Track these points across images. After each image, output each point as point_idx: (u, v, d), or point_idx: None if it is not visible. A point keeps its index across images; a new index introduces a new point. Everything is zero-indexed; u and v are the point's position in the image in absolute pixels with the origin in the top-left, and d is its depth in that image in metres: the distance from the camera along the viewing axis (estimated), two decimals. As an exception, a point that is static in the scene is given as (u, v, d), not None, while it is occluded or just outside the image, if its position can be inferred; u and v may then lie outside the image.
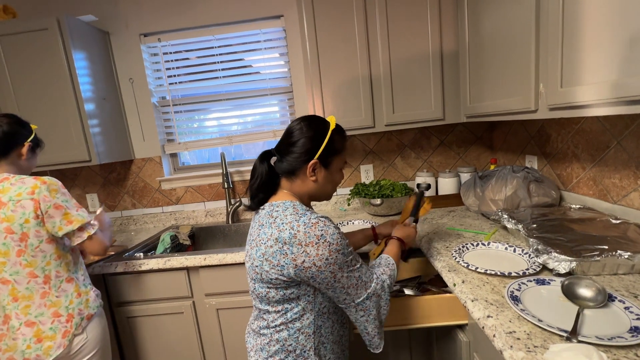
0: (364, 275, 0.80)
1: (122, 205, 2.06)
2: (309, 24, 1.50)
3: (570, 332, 0.65)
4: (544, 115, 0.98)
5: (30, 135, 1.15)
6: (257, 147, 2.17)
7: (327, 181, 0.88)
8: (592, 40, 0.77)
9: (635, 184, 1.02)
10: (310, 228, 0.75)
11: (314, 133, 0.84)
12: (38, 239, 1.04)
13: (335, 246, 0.75)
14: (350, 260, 0.78)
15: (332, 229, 0.77)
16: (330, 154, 0.85)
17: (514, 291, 0.83)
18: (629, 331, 0.64)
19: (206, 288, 1.43)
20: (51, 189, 1.05)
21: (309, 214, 0.78)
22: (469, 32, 1.39)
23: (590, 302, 0.74)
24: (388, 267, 0.89)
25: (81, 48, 1.66)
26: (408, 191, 1.69)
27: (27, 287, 1.04)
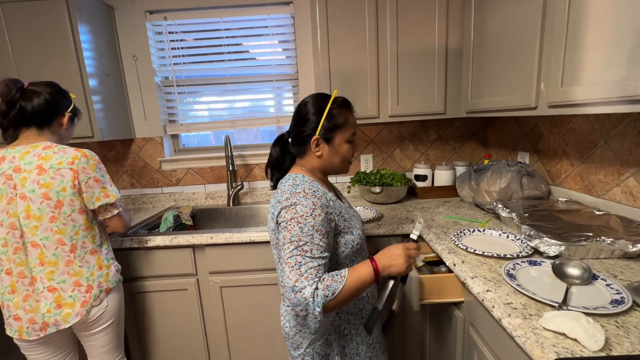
0: (305, 266, 0.73)
1: (120, 184, 2.05)
2: (320, 13, 1.53)
3: (561, 302, 0.74)
4: (543, 112, 1.06)
5: (70, 105, 1.18)
6: (251, 134, 2.18)
7: (332, 155, 0.91)
8: (594, 42, 0.85)
9: (619, 180, 1.12)
10: (292, 195, 0.80)
11: (315, 109, 0.89)
12: (71, 208, 1.07)
13: (298, 217, 0.77)
14: (304, 242, 0.75)
15: (308, 201, 0.78)
16: (331, 128, 0.89)
17: (509, 270, 0.91)
18: (610, 303, 0.74)
19: (211, 266, 1.46)
20: (91, 163, 1.09)
21: (302, 185, 0.83)
22: (474, 30, 1.46)
23: (577, 280, 0.83)
24: (332, 277, 0.74)
25: (86, 21, 1.63)
26: (407, 181, 1.77)
27: (54, 253, 1.06)
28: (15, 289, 1.07)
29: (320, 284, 0.73)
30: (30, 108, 1.07)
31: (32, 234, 1.05)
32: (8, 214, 1.04)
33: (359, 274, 0.77)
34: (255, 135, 2.20)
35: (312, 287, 0.72)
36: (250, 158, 2.01)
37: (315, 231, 0.77)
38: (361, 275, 0.78)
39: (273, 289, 1.48)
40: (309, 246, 0.76)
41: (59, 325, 1.07)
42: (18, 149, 1.06)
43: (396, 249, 0.83)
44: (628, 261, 0.95)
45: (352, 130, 0.92)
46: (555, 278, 0.87)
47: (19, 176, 1.03)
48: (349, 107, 0.93)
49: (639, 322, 0.68)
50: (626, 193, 1.10)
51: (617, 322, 0.69)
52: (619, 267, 0.92)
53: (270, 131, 2.17)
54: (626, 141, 1.09)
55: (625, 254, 0.95)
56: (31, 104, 1.07)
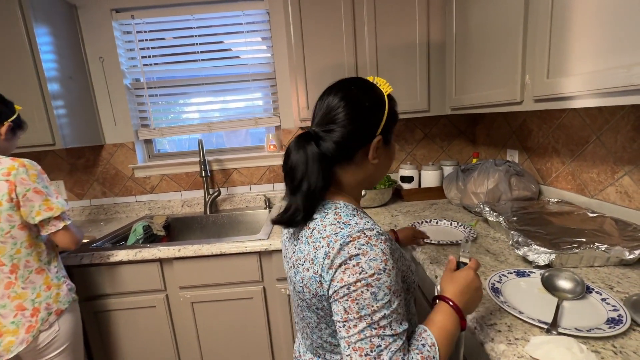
0: (386, 351, 0.50)
1: (91, 193, 1.94)
2: (293, 7, 1.43)
3: (551, 324, 0.64)
4: (529, 107, 0.97)
5: (13, 115, 1.09)
6: (240, 136, 2.09)
7: (387, 160, 0.68)
8: (580, 30, 0.76)
9: (612, 179, 1.04)
10: (347, 245, 0.53)
11: (373, 101, 0.62)
12: (9, 224, 0.97)
13: (367, 278, 0.51)
14: (378, 317, 0.51)
15: (376, 250, 0.52)
16: (391, 125, 0.65)
17: (494, 283, 0.82)
18: (606, 322, 0.65)
19: (180, 281, 1.36)
20: (30, 173, 0.99)
21: (353, 222, 0.56)
22: (456, 22, 1.37)
23: (569, 294, 0.75)
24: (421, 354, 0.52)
25: (44, 21, 1.52)
26: (391, 183, 1.68)
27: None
28: None
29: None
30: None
31: None
32: None
33: (442, 329, 0.55)
34: (245, 138, 2.10)
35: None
36: (228, 162, 1.91)
37: (393, 294, 0.52)
38: (445, 328, 0.56)
39: (249, 304, 1.38)
40: (387, 319, 0.51)
41: (1, 356, 0.97)
42: None
43: (474, 279, 0.61)
44: (625, 269, 0.86)
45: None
46: (546, 292, 0.78)
47: None
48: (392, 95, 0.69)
49: (639, 347, 0.59)
50: (621, 193, 1.01)
51: (615, 346, 0.59)
52: (615, 276, 0.83)
53: (254, 134, 2.07)
54: (619, 137, 1.00)
55: (622, 261, 0.86)
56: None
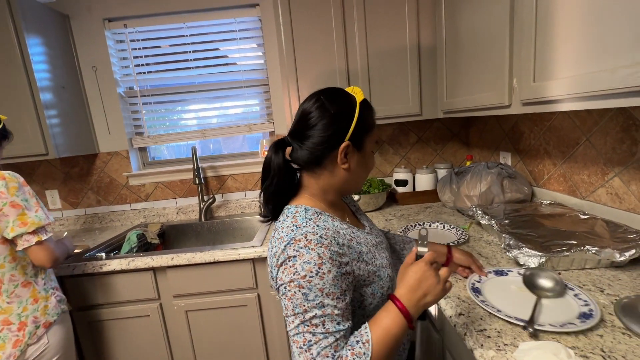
0: (316, 346, 0.54)
1: (85, 202, 1.93)
2: (284, 14, 1.44)
3: (528, 321, 0.66)
4: (517, 110, 0.97)
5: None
6: (237, 142, 2.09)
7: (360, 167, 0.69)
8: (564, 34, 0.76)
9: (603, 180, 1.04)
10: (289, 245, 0.58)
11: (341, 108, 0.65)
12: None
13: (299, 279, 0.55)
14: (309, 317, 0.54)
15: (312, 254, 0.56)
16: (362, 132, 0.67)
17: (474, 283, 0.83)
18: (578, 317, 0.67)
19: (174, 289, 1.35)
20: (10, 186, 0.97)
21: (305, 224, 0.61)
22: (446, 26, 1.38)
23: (548, 292, 0.76)
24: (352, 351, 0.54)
25: (36, 32, 1.53)
26: (385, 187, 1.67)
27: None
28: None
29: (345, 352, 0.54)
30: None
31: None
32: None
33: (384, 328, 0.56)
34: (242, 143, 2.11)
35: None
36: (222, 169, 1.90)
37: (325, 296, 0.55)
38: (386, 328, 0.56)
39: (244, 311, 1.37)
40: (319, 319, 0.55)
41: None
42: None
43: (419, 269, 0.59)
44: (616, 271, 0.86)
45: (376, 137, 0.72)
46: (526, 290, 0.79)
47: None
48: (372, 106, 0.72)
49: (628, 350, 0.59)
50: (612, 194, 1.01)
51: (604, 350, 0.59)
52: (606, 278, 0.83)
53: (249, 139, 2.07)
54: (609, 138, 1.00)
55: (613, 263, 0.86)
56: None
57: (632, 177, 0.94)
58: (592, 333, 0.64)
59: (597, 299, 0.74)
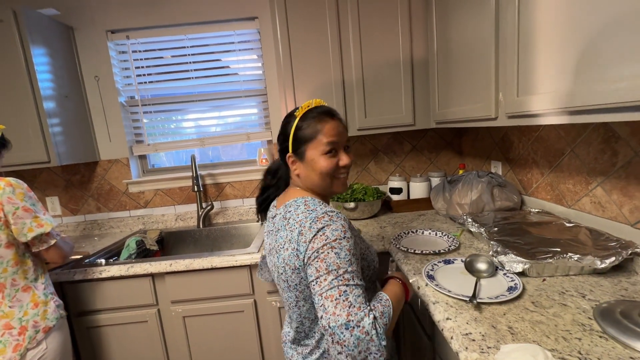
0: (353, 295, 0.62)
1: (85, 209, 1.96)
2: (281, 28, 1.50)
3: (471, 296, 0.81)
4: (503, 122, 1.02)
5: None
6: (236, 150, 2.13)
7: (308, 172, 0.80)
8: (544, 51, 0.81)
9: (587, 189, 1.08)
10: (315, 222, 0.69)
11: (284, 126, 0.82)
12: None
13: (331, 242, 0.66)
14: (343, 270, 0.64)
15: (337, 224, 0.68)
16: (299, 143, 0.79)
17: (429, 271, 0.99)
18: (507, 290, 0.85)
19: (172, 295, 1.38)
20: (17, 192, 1.01)
21: (318, 208, 0.73)
22: (437, 40, 1.44)
23: (484, 273, 0.93)
24: (380, 303, 0.67)
25: (41, 43, 1.57)
26: (380, 195, 1.71)
27: None
28: None
29: (376, 312, 0.63)
30: None
31: None
32: None
33: (395, 294, 0.74)
34: (240, 151, 2.15)
35: (369, 317, 0.60)
36: (220, 177, 1.94)
37: (352, 255, 0.67)
38: (397, 294, 0.75)
39: (240, 317, 1.40)
40: (350, 274, 0.64)
41: None
42: None
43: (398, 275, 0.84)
44: (598, 277, 0.89)
45: (327, 139, 0.77)
46: (467, 273, 0.95)
47: None
48: (324, 116, 0.79)
49: (603, 353, 0.62)
50: (595, 203, 1.05)
51: (581, 353, 0.62)
52: (588, 284, 0.86)
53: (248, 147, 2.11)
54: (591, 149, 1.05)
55: (595, 270, 0.89)
56: None
57: (614, 186, 0.98)
58: (572, 337, 0.67)
59: (578, 304, 0.78)
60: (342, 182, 0.82)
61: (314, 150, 0.78)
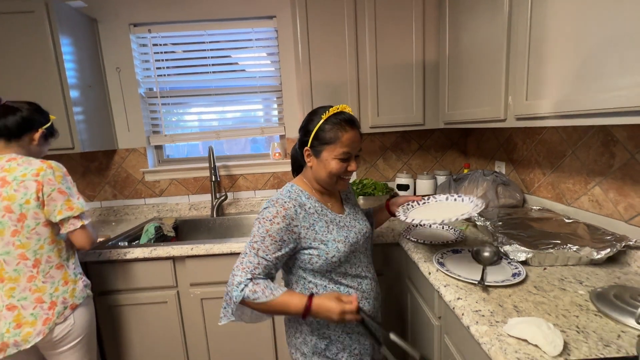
0: (247, 261, 0.83)
1: (102, 195, 2.02)
2: (302, 28, 1.57)
3: (480, 280, 0.90)
4: (511, 124, 1.10)
5: (47, 123, 1.18)
6: (240, 144, 2.20)
7: (319, 169, 0.91)
8: (553, 60, 0.89)
9: (585, 189, 1.17)
10: (270, 201, 0.89)
11: (308, 122, 0.92)
12: (35, 221, 1.05)
13: (260, 218, 0.85)
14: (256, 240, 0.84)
15: (274, 209, 0.85)
16: (319, 143, 0.89)
17: (439, 259, 1.08)
18: (511, 276, 0.94)
19: (191, 278, 1.45)
20: (57, 174, 1.07)
21: (284, 195, 0.90)
22: (449, 44, 1.52)
23: (490, 261, 0.99)
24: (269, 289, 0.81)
25: (68, 34, 1.64)
26: (388, 191, 1.79)
27: (16, 268, 1.03)
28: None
29: (251, 283, 0.81)
30: (2, 121, 1.07)
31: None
32: None
33: (288, 302, 0.82)
34: (244, 146, 2.21)
35: (242, 277, 0.81)
36: (234, 169, 2.01)
37: (268, 235, 0.84)
38: (289, 304, 0.82)
39: (255, 301, 1.47)
40: (258, 245, 0.84)
41: (19, 345, 1.03)
42: None
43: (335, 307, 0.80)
44: (594, 267, 0.98)
45: (343, 149, 0.88)
46: (474, 262, 1.02)
47: None
48: (346, 125, 0.88)
49: (598, 327, 0.70)
50: (593, 201, 1.14)
51: (578, 327, 0.71)
52: (585, 273, 0.95)
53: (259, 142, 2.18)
54: (591, 151, 1.13)
55: (592, 260, 0.98)
56: (5, 119, 1.07)
57: (610, 186, 1.07)
58: (570, 314, 0.76)
59: (576, 289, 0.86)
60: (345, 183, 0.96)
61: (329, 153, 0.89)
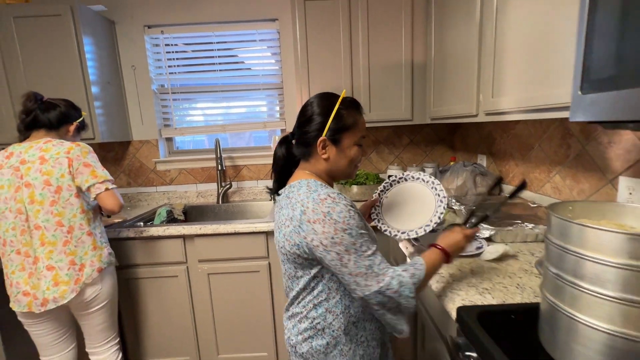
0: (376, 265, 0.72)
1: (117, 183, 2.20)
2: (300, 31, 1.73)
3: None
4: (482, 119, 1.25)
5: (79, 118, 1.38)
6: (244, 139, 2.37)
7: (339, 158, 0.84)
8: (510, 63, 1.05)
9: (548, 177, 1.32)
10: (318, 204, 0.72)
11: (322, 109, 0.82)
12: (69, 192, 1.22)
13: (341, 225, 0.71)
14: (359, 244, 0.71)
15: (340, 205, 0.72)
16: (339, 130, 0.81)
17: None
18: (475, 249, 1.06)
19: (200, 255, 1.62)
20: (83, 151, 1.25)
21: (320, 190, 0.76)
22: (434, 47, 1.67)
23: None
24: (413, 267, 0.75)
25: (90, 34, 1.81)
26: (380, 180, 1.95)
27: (54, 234, 1.21)
28: (23, 267, 1.22)
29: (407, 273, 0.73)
30: (44, 115, 1.25)
31: (35, 217, 1.19)
32: (15, 201, 1.19)
33: (432, 261, 0.78)
34: (248, 140, 2.38)
35: (395, 279, 0.71)
36: (238, 160, 2.18)
37: (361, 228, 0.74)
38: (434, 261, 0.79)
39: (256, 276, 1.65)
40: (365, 245, 0.72)
41: (58, 301, 1.21)
42: (24, 145, 1.24)
43: (459, 236, 0.84)
44: (548, 243, 1.13)
45: (361, 133, 0.85)
46: None
47: (24, 167, 1.20)
48: (358, 107, 0.86)
49: (534, 285, 0.86)
50: (554, 188, 1.29)
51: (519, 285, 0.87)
52: (540, 248, 1.10)
53: (262, 136, 2.35)
54: (552, 144, 1.28)
55: (546, 237, 1.13)
56: (47, 112, 1.26)
57: (567, 174, 1.22)
58: (515, 276, 0.91)
59: (528, 260, 1.02)
60: (356, 170, 0.91)
61: (350, 139, 0.83)
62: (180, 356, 1.72)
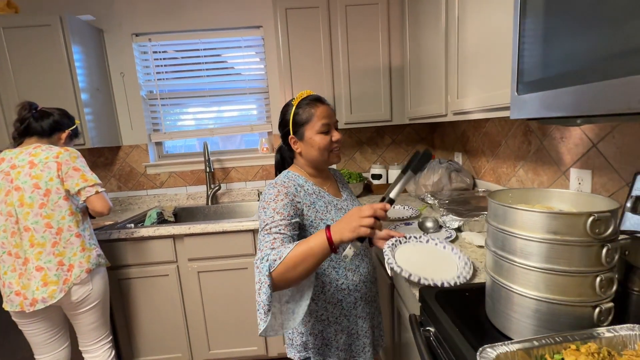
0: (263, 242, 0.81)
1: (108, 187, 2.25)
2: (283, 37, 1.81)
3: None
4: (450, 118, 1.35)
5: (72, 125, 1.43)
6: (236, 140, 2.44)
7: (309, 149, 0.96)
8: (470, 67, 1.14)
9: (514, 171, 1.41)
10: (266, 187, 0.94)
11: (283, 115, 1.00)
12: (58, 195, 1.28)
13: (264, 203, 0.88)
14: (265, 222, 0.84)
15: (273, 189, 0.89)
16: (298, 126, 0.96)
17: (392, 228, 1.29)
18: (445, 238, 1.17)
19: (189, 254, 1.69)
20: (72, 156, 1.31)
21: (281, 178, 0.95)
22: (410, 51, 1.76)
23: (431, 230, 1.28)
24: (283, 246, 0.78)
25: (79, 43, 1.87)
26: (362, 179, 2.04)
27: (43, 235, 1.26)
28: (14, 268, 1.26)
29: (271, 256, 0.75)
30: (37, 123, 1.31)
31: (25, 219, 1.24)
32: (6, 204, 1.25)
33: (308, 243, 0.75)
34: (239, 143, 2.45)
35: (262, 253, 0.77)
36: (227, 162, 2.25)
37: (276, 213, 0.84)
38: (310, 243, 0.75)
39: (245, 273, 1.71)
40: (269, 225, 0.83)
41: (47, 301, 1.26)
42: (15, 151, 1.30)
43: (353, 212, 0.76)
44: (512, 232, 1.23)
45: (321, 122, 0.94)
46: (421, 231, 1.26)
47: (15, 171, 1.25)
48: (313, 102, 0.96)
49: (491, 266, 0.95)
50: (519, 181, 1.39)
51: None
52: (503, 236, 1.19)
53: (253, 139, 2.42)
54: (516, 140, 1.38)
55: (509, 226, 1.23)
56: (40, 121, 1.32)
57: (529, 168, 1.32)
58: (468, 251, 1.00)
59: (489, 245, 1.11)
60: (336, 155, 0.99)
61: (311, 130, 0.95)
62: (172, 353, 1.78)
